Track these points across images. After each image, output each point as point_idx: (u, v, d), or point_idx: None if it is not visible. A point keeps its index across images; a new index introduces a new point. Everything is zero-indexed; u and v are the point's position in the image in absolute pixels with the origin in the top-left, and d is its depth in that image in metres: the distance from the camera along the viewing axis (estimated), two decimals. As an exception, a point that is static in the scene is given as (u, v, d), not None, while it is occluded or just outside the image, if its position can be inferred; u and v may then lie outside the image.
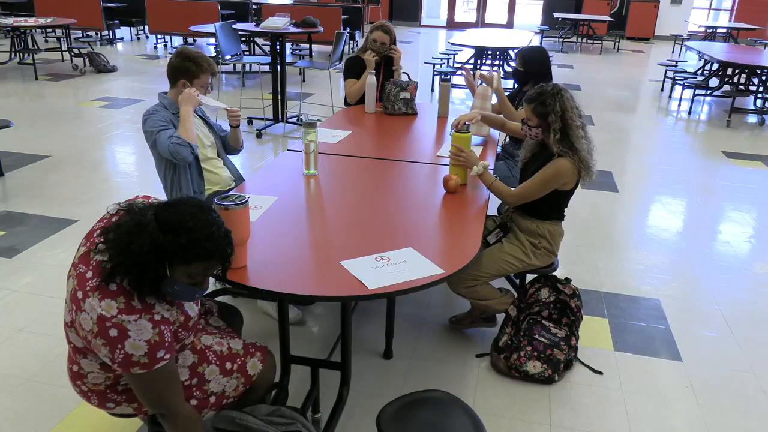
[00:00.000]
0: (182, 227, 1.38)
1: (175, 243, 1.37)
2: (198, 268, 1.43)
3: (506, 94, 3.49)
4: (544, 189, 2.35)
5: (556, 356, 2.42)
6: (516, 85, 3.53)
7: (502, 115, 3.05)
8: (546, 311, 2.50)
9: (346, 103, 3.97)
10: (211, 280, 1.81)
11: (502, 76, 3.64)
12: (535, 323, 2.46)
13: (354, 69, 3.84)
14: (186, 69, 2.62)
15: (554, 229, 2.49)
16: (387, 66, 3.89)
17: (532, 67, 3.24)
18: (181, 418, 1.49)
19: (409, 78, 3.82)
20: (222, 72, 8.50)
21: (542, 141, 2.41)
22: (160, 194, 4.16)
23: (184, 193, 2.70)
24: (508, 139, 3.53)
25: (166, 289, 1.43)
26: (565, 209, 2.52)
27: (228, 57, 6.63)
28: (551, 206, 2.45)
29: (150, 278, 1.39)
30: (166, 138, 2.55)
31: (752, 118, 7.39)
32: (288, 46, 9.97)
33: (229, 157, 2.97)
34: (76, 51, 8.78)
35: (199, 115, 2.85)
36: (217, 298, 2.19)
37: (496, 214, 4.16)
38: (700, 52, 8.07)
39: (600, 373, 2.53)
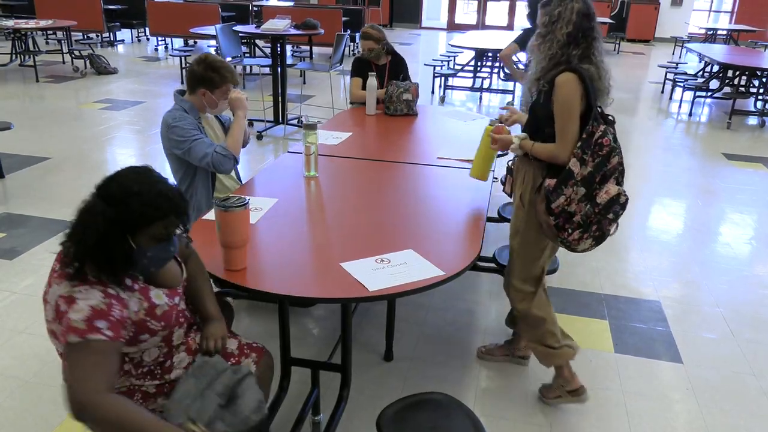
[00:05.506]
0: (130, 194, 1.36)
1: (129, 211, 1.36)
2: (158, 228, 1.40)
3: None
4: (570, 114, 2.01)
5: None
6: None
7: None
8: None
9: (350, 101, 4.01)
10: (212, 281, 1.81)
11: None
12: None
13: (359, 70, 3.89)
14: (209, 79, 2.52)
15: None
16: (392, 68, 3.91)
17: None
18: (100, 410, 1.27)
19: (409, 80, 3.83)
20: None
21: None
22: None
23: (195, 200, 2.62)
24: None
25: (141, 261, 1.41)
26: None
27: (228, 59, 6.64)
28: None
29: (119, 257, 1.36)
30: (207, 148, 2.45)
31: (753, 120, 7.40)
32: (288, 48, 9.97)
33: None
34: (76, 53, 8.80)
35: (216, 116, 2.78)
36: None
37: (497, 215, 4.14)
38: (700, 54, 8.08)
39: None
